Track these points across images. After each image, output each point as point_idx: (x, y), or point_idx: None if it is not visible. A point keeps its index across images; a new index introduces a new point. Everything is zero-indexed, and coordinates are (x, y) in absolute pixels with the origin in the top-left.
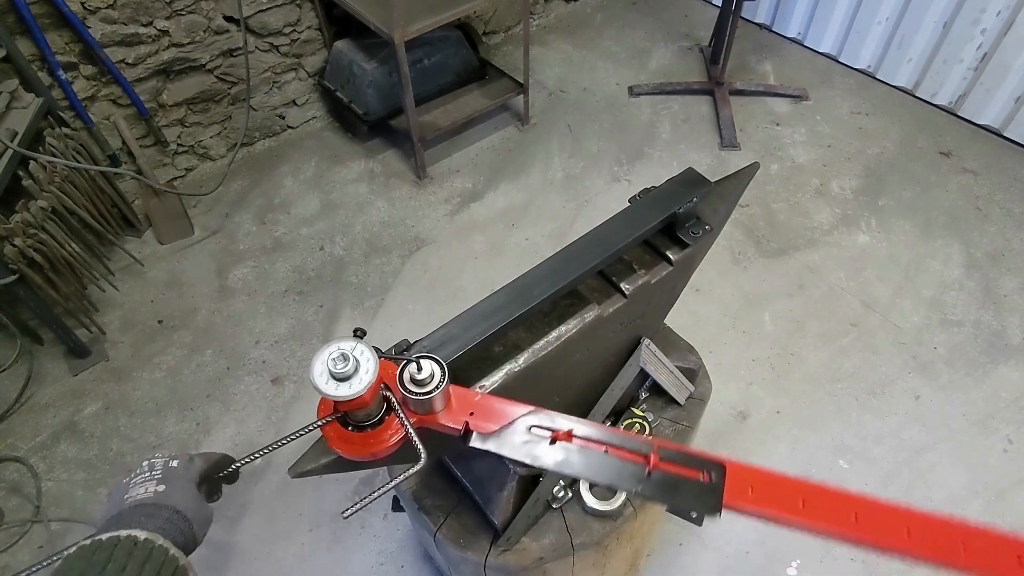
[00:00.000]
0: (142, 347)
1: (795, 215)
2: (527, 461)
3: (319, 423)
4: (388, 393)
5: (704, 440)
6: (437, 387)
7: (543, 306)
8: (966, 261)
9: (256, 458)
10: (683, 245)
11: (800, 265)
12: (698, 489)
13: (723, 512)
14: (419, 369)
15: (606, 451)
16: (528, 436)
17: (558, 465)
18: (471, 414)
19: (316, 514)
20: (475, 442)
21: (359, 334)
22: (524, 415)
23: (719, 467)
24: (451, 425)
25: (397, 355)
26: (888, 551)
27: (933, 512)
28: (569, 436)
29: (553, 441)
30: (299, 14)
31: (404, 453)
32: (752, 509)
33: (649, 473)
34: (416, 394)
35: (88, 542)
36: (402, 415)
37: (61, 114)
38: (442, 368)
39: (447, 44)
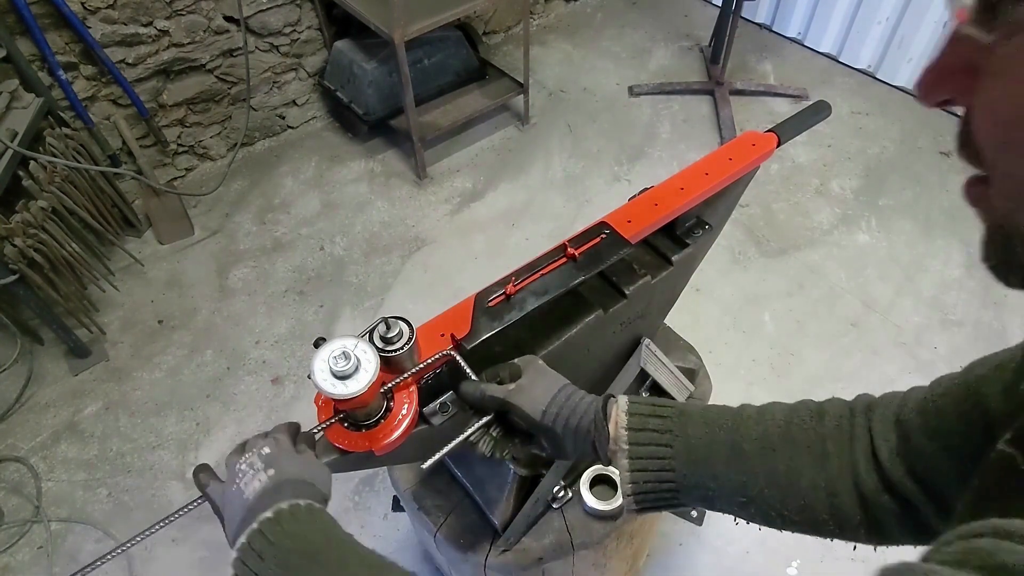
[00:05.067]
0: (142, 347)
1: (795, 215)
2: (517, 319)
3: (321, 426)
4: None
5: None
6: (409, 340)
7: (544, 307)
8: (966, 261)
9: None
10: (683, 245)
11: (800, 265)
12: (607, 243)
13: (632, 241)
14: (388, 328)
15: (542, 275)
16: (495, 309)
17: (531, 304)
18: (442, 335)
19: None
20: (471, 342)
21: (318, 344)
22: (476, 303)
23: (604, 224)
24: (440, 355)
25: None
26: (702, 194)
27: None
28: (515, 287)
29: (508, 297)
30: (299, 14)
31: (404, 452)
32: (639, 229)
33: (576, 260)
34: (389, 351)
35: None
36: (405, 408)
37: (61, 114)
38: (409, 325)
39: (447, 44)
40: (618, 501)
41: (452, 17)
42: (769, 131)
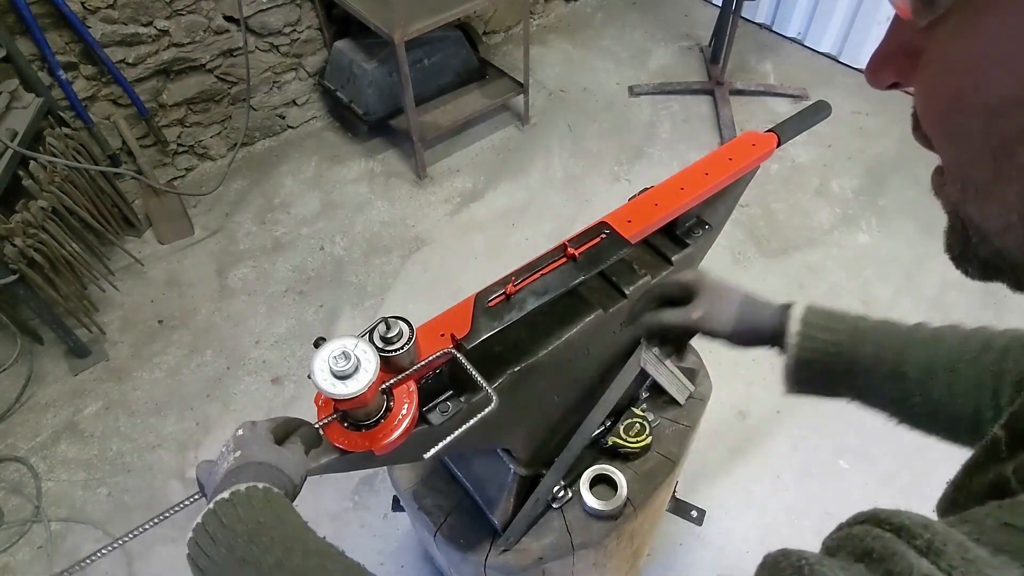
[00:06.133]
0: (142, 347)
1: (795, 215)
2: (517, 319)
3: (319, 424)
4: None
5: (705, 439)
6: (409, 340)
7: (544, 307)
8: None
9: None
10: (683, 245)
11: (800, 265)
12: (607, 243)
13: (632, 241)
14: (388, 328)
15: (543, 275)
16: (495, 309)
17: (531, 304)
18: (442, 335)
19: (316, 514)
20: (471, 342)
21: (318, 344)
22: (476, 303)
23: (604, 224)
24: (440, 354)
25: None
26: (702, 194)
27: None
28: (515, 287)
29: (508, 297)
30: (299, 14)
31: (404, 452)
32: (639, 229)
33: (576, 259)
34: (389, 351)
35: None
36: (405, 409)
37: (61, 114)
38: (409, 325)
39: (447, 44)
40: (618, 501)
41: (452, 17)
42: (769, 131)
